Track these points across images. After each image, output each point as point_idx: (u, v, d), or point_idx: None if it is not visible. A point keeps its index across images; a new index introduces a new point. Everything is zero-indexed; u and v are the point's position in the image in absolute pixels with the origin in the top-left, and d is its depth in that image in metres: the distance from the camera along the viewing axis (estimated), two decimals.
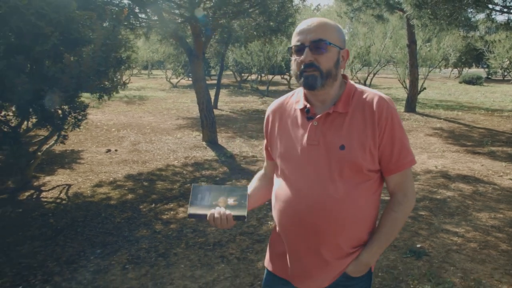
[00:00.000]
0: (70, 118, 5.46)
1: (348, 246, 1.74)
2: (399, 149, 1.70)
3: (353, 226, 1.71)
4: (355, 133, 1.68)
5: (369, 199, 1.72)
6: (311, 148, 1.72)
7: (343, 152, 1.66)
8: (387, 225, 1.77)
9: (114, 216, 5.34)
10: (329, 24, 1.73)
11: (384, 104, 1.70)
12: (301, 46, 1.68)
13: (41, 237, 4.76)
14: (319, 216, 1.68)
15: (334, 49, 1.69)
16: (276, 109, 1.93)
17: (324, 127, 1.72)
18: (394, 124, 1.69)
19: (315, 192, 1.68)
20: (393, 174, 1.73)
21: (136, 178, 7.02)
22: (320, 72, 1.67)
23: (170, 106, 16.66)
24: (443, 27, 9.02)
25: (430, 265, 3.95)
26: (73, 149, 9.14)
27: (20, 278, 3.87)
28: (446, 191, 6.14)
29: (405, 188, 1.77)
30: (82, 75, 4.28)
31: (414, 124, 12.46)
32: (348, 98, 1.74)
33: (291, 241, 1.79)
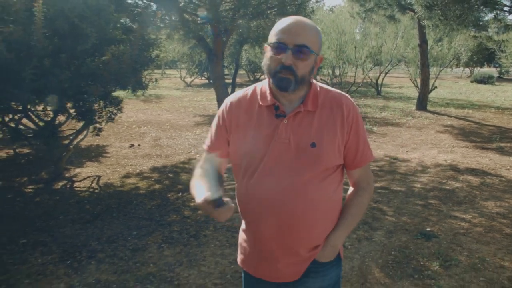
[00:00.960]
0: (105, 112, 5.90)
1: (318, 238, 1.81)
2: (363, 145, 1.82)
3: (323, 218, 1.79)
4: (325, 130, 1.74)
5: (334, 191, 1.80)
6: (281, 146, 1.73)
7: (315, 150, 1.72)
8: (353, 208, 1.87)
9: (145, 204, 5.76)
10: (313, 28, 1.72)
11: (350, 103, 1.80)
12: (283, 46, 1.66)
13: (80, 220, 5.20)
14: (292, 213, 1.72)
15: (313, 56, 1.71)
16: (238, 103, 1.88)
17: (294, 125, 1.74)
18: (359, 123, 1.80)
19: (285, 187, 1.71)
20: (357, 168, 1.86)
21: (161, 170, 7.45)
22: (295, 77, 1.68)
23: (186, 105, 17.11)
24: (453, 28, 9.35)
25: (439, 246, 4.33)
26: (98, 144, 9.59)
27: (67, 255, 4.30)
28: (454, 183, 6.51)
29: (368, 178, 1.93)
30: (121, 71, 4.71)
31: (425, 122, 12.80)
32: (316, 96, 1.78)
33: (261, 239, 1.82)
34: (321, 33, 1.78)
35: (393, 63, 22.46)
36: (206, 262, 4.12)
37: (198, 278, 3.83)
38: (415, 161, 7.90)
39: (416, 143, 9.61)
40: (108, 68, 4.63)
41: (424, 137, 10.40)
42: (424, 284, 3.63)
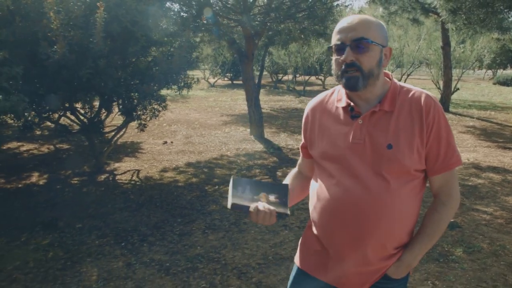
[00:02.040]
0: (149, 109, 6.35)
1: (392, 247, 1.73)
2: (446, 148, 1.67)
3: (398, 226, 1.70)
4: (402, 131, 1.65)
5: (413, 199, 1.70)
6: (356, 147, 1.69)
7: (391, 152, 1.64)
8: (430, 226, 1.74)
9: (185, 195, 6.19)
10: (371, 21, 1.68)
11: (431, 102, 1.67)
12: (341, 45, 1.65)
13: (127, 209, 5.64)
14: (365, 215, 1.66)
15: (377, 48, 1.65)
16: (315, 107, 1.90)
17: (369, 125, 1.69)
18: (441, 123, 1.66)
19: (360, 191, 1.66)
20: (438, 174, 1.71)
21: (195, 165, 7.89)
22: (361, 73, 1.64)
23: (212, 104, 17.56)
24: (477, 31, 9.61)
25: (462, 234, 4.68)
26: (133, 141, 10.08)
27: (120, 238, 4.74)
28: (477, 179, 6.82)
29: (450, 189, 1.74)
30: (170, 71, 5.15)
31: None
32: (394, 96, 1.71)
33: (334, 241, 1.77)
34: (382, 25, 1.72)
35: (415, 65, 22.68)
36: (248, 245, 4.53)
37: (243, 259, 4.24)
38: None
39: None
40: (160, 67, 5.06)
41: None
42: (449, 267, 3.99)
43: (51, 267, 4.10)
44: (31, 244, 4.59)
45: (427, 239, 1.74)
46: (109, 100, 6.08)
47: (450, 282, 3.72)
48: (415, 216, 1.74)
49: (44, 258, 4.28)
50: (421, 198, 1.74)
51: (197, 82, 6.57)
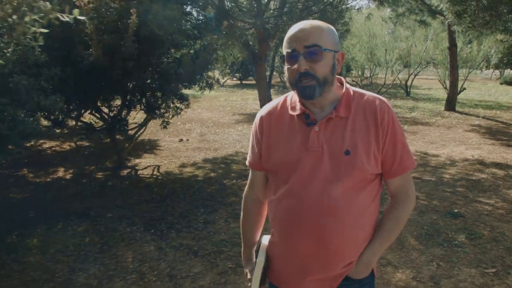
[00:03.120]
0: (172, 107, 6.77)
1: (356, 254, 1.73)
2: (401, 152, 1.70)
3: (360, 231, 1.70)
4: (358, 137, 1.65)
5: (371, 203, 1.71)
6: (314, 155, 1.66)
7: (349, 158, 1.63)
8: (389, 223, 1.77)
9: (205, 188, 6.60)
10: (322, 27, 1.65)
11: (385, 106, 1.69)
12: (294, 54, 1.61)
13: (152, 200, 6.06)
14: (325, 223, 1.64)
15: (330, 54, 1.63)
16: (268, 115, 1.83)
17: (326, 132, 1.67)
18: (396, 127, 1.69)
19: (319, 199, 1.64)
20: (395, 177, 1.74)
21: (212, 161, 8.30)
22: (317, 81, 1.61)
23: (224, 104, 17.98)
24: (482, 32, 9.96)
25: (465, 223, 5.06)
26: (150, 138, 10.51)
27: (149, 226, 5.16)
28: (480, 174, 7.19)
29: (407, 190, 1.78)
30: (194, 71, 5.56)
31: (454, 121, 13.40)
32: (349, 101, 1.70)
33: (298, 252, 1.73)
34: (333, 30, 1.70)
35: (422, 65, 23.00)
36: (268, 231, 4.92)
37: None
38: (444, 156, 8.57)
39: (445, 141, 10.26)
40: (185, 68, 5.48)
41: (452, 135, 11.04)
42: (452, 251, 4.37)
43: (89, 250, 4.52)
44: (68, 231, 5.01)
45: (386, 235, 1.75)
46: (134, 99, 6.50)
47: (453, 263, 4.11)
48: (374, 219, 1.76)
49: (82, 243, 4.70)
50: (379, 201, 1.77)
51: (217, 82, 6.96)
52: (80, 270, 4.12)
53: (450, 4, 8.86)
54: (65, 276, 4.01)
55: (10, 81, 4.57)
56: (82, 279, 3.94)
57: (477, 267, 4.02)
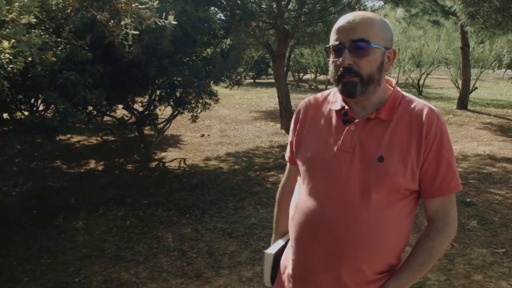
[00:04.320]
0: (201, 103, 7.21)
1: (372, 272, 1.54)
2: (445, 170, 1.51)
3: (381, 250, 1.52)
4: (397, 144, 1.49)
5: (401, 221, 1.54)
6: (344, 155, 1.53)
7: (381, 165, 1.48)
8: (421, 254, 1.56)
9: (231, 179, 7.02)
10: (373, 20, 1.50)
11: (434, 117, 1.50)
12: (339, 47, 1.48)
13: (183, 190, 6.49)
14: (343, 233, 1.49)
15: (379, 50, 1.49)
16: (309, 106, 1.73)
17: (362, 133, 1.54)
18: (444, 141, 1.50)
19: (342, 205, 1.50)
20: (435, 198, 1.54)
21: (235, 155, 8.72)
22: (360, 78, 1.49)
23: (239, 102, 18.40)
24: (495, 33, 10.29)
25: (476, 210, 5.44)
26: (172, 134, 10.95)
27: (184, 211, 5.59)
28: (491, 168, 7.56)
29: (447, 216, 1.57)
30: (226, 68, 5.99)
31: (466, 120, 13.73)
32: (394, 105, 1.55)
33: (307, 258, 1.60)
34: (387, 24, 1.55)
35: (434, 64, 23.30)
36: None
37: None
38: (457, 151, 8.93)
39: (457, 137, 10.61)
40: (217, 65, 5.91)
41: (464, 132, 11.39)
42: (465, 234, 4.76)
43: (131, 232, 4.96)
44: (109, 215, 5.45)
45: (416, 268, 1.55)
46: (165, 94, 6.95)
47: (466, 244, 4.50)
48: (403, 240, 1.57)
49: (124, 225, 5.14)
50: (411, 221, 1.59)
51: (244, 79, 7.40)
52: (126, 248, 4.56)
53: (464, 6, 9.22)
54: (113, 253, 4.45)
55: (59, 77, 5.03)
56: (129, 255, 4.39)
57: (488, 248, 4.41)
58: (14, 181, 6.93)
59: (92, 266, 4.16)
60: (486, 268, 3.99)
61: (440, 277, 3.84)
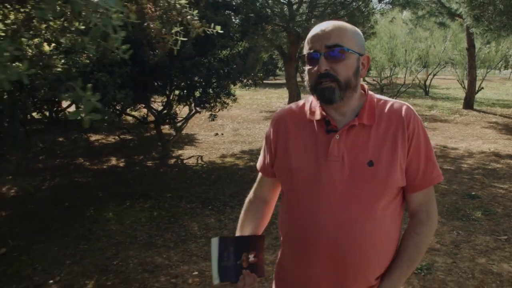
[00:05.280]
0: (219, 102, 7.61)
1: (374, 277, 1.57)
2: (426, 162, 1.57)
3: (381, 253, 1.56)
4: (383, 147, 1.53)
5: (394, 222, 1.58)
6: (333, 165, 1.53)
7: (372, 169, 1.50)
8: (409, 250, 1.60)
9: (248, 174, 7.40)
10: (346, 27, 1.54)
11: (411, 113, 1.57)
12: (315, 54, 1.50)
13: (203, 184, 6.87)
14: (343, 245, 1.50)
15: (353, 56, 1.52)
16: (284, 118, 1.71)
17: (347, 141, 1.54)
18: (421, 135, 1.56)
19: (338, 216, 1.51)
20: (418, 191, 1.59)
21: (249, 152, 9.11)
22: (337, 83, 1.49)
23: (249, 102, 18.80)
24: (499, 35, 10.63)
25: (481, 202, 5.79)
26: (187, 133, 11.34)
27: (206, 203, 5.97)
28: (496, 164, 7.90)
29: (429, 208, 1.62)
30: (245, 69, 6.38)
31: (471, 119, 14.06)
32: (372, 109, 1.58)
33: (311, 273, 1.59)
34: (358, 32, 1.59)
35: (440, 65, 23.60)
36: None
37: None
38: (463, 149, 9.28)
39: (463, 136, 10.95)
40: (237, 66, 6.30)
41: (470, 131, 11.72)
42: (470, 223, 5.12)
43: (160, 221, 5.35)
44: (137, 207, 5.84)
45: (406, 265, 1.59)
46: (185, 94, 7.35)
47: (470, 232, 4.87)
48: (396, 241, 1.62)
49: (152, 216, 5.53)
50: (401, 221, 1.63)
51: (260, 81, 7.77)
52: (156, 236, 4.94)
53: (469, 8, 9.57)
54: (145, 240, 4.84)
55: (91, 77, 5.42)
56: (160, 242, 4.77)
57: (491, 235, 4.77)
58: (42, 177, 7.34)
59: (127, 251, 4.55)
60: (489, 253, 4.35)
61: (447, 260, 4.20)
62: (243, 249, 1.69)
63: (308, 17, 9.91)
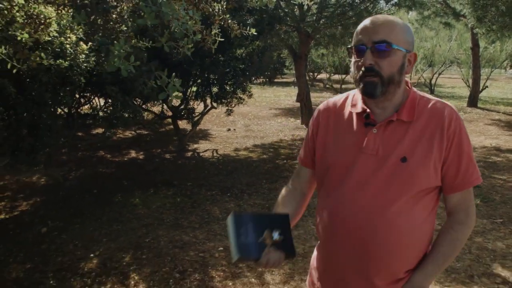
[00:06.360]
0: (235, 98, 8.08)
1: (401, 271, 1.59)
2: (466, 165, 1.56)
3: (408, 248, 1.57)
4: (419, 144, 1.54)
5: (426, 218, 1.58)
6: (367, 158, 1.57)
7: (405, 165, 1.53)
8: (445, 245, 1.61)
9: (262, 166, 7.87)
10: (396, 23, 1.55)
11: (453, 114, 1.56)
12: (362, 47, 1.53)
13: (220, 174, 7.35)
14: (371, 235, 1.54)
15: (400, 52, 1.52)
16: (328, 109, 1.76)
17: (384, 135, 1.57)
18: (463, 136, 1.55)
19: (368, 208, 1.55)
20: (457, 192, 1.59)
21: (261, 146, 9.58)
22: (380, 78, 1.52)
23: (258, 100, 19.21)
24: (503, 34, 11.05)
25: (480, 191, 6.23)
26: (201, 128, 11.81)
27: (224, 191, 6.44)
28: (496, 158, 8.34)
29: (468, 208, 1.63)
30: (261, 68, 6.84)
31: (475, 116, 14.46)
32: (413, 105, 1.59)
33: (337, 262, 1.65)
34: (409, 28, 1.60)
35: (446, 64, 23.99)
36: None
37: None
38: None
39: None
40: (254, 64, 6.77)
41: (473, 127, 12.14)
42: None
43: (183, 206, 5.83)
44: (160, 194, 6.32)
45: (441, 260, 1.61)
46: (203, 90, 7.83)
47: None
48: (428, 237, 1.63)
49: (175, 202, 6.00)
50: (434, 216, 1.63)
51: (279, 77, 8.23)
52: (182, 218, 5.42)
53: (472, 9, 10.00)
54: (172, 222, 5.32)
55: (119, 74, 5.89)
56: (185, 223, 5.25)
57: (488, 219, 5.22)
58: (68, 168, 7.83)
59: (157, 231, 5.02)
60: (486, 233, 4.81)
61: None
62: (264, 226, 1.63)
63: (318, 18, 10.34)
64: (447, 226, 1.64)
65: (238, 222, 1.62)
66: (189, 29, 2.14)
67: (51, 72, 4.72)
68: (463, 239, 1.63)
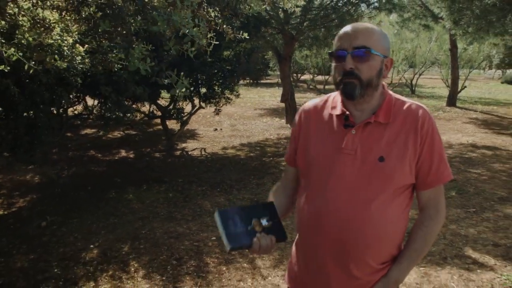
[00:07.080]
0: (223, 98, 8.38)
1: (377, 263, 1.69)
2: (438, 162, 1.67)
3: (383, 242, 1.67)
4: (395, 144, 1.63)
5: (400, 214, 1.68)
6: (346, 157, 1.66)
7: (382, 164, 1.62)
8: (418, 240, 1.72)
9: (249, 163, 8.18)
10: (374, 30, 1.65)
11: (426, 115, 1.66)
12: (342, 52, 1.61)
13: (210, 171, 7.64)
14: (348, 230, 1.63)
15: (378, 58, 1.62)
16: (309, 111, 1.86)
17: (362, 136, 1.66)
18: (435, 137, 1.66)
19: (344, 204, 1.63)
20: (429, 188, 1.70)
21: (248, 145, 9.89)
22: (359, 81, 1.61)
23: (243, 100, 19.51)
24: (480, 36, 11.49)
25: (455, 184, 6.62)
26: (188, 128, 12.08)
27: (214, 186, 6.74)
28: (472, 153, 8.77)
29: (438, 204, 1.74)
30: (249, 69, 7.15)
31: (454, 115, 14.95)
32: (389, 107, 1.69)
33: (317, 256, 1.74)
34: (386, 35, 1.70)
35: (426, 65, 24.54)
36: None
37: None
38: (443, 141, 9.95)
39: (445, 130, 11.80)
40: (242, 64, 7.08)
41: (451, 126, 12.60)
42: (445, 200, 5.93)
43: (176, 201, 6.11)
44: (153, 190, 6.60)
45: (415, 255, 1.73)
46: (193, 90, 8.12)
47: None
48: (402, 232, 1.72)
49: (168, 197, 6.29)
50: (408, 214, 1.73)
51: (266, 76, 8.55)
52: (175, 211, 5.71)
53: (449, 13, 10.44)
54: (166, 215, 5.60)
55: (113, 75, 6.15)
56: (179, 216, 5.54)
57: (462, 208, 5.60)
58: (60, 166, 8.06)
59: (152, 223, 5.31)
60: (459, 221, 5.18)
61: None
62: (251, 216, 1.68)
63: (302, 20, 10.69)
64: (419, 222, 1.75)
65: (224, 217, 1.65)
66: (195, 35, 2.44)
67: (50, 73, 4.98)
68: (434, 234, 1.74)
